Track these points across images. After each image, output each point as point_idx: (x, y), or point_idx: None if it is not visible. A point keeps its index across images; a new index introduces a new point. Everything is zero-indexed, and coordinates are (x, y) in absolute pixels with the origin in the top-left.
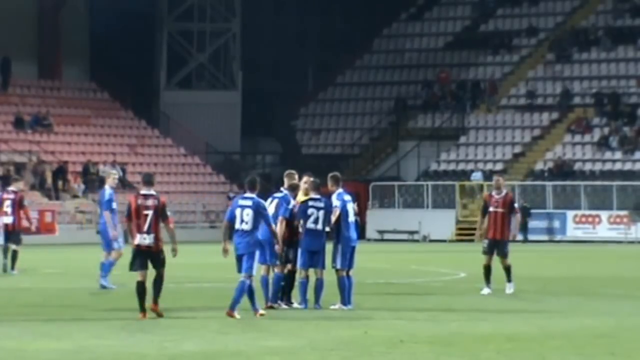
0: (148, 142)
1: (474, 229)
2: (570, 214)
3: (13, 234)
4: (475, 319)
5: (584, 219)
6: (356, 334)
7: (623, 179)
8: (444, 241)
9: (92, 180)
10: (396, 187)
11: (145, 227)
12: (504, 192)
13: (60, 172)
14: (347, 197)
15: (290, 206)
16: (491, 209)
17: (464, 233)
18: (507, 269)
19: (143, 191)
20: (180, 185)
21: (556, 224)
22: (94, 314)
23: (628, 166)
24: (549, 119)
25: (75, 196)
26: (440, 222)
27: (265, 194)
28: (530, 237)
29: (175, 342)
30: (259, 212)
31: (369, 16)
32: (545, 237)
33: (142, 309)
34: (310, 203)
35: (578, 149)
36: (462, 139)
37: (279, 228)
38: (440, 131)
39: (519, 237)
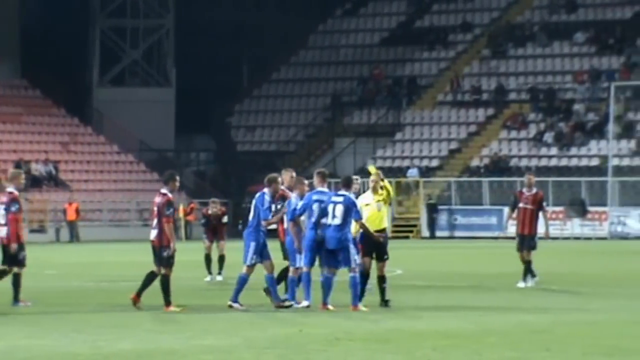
0: (81, 139)
1: (410, 225)
2: (506, 210)
3: None
4: (412, 316)
5: None
6: (291, 332)
7: (558, 174)
8: None
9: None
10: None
11: (154, 223)
12: (534, 190)
13: None
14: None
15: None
16: (521, 205)
17: (400, 230)
18: (528, 263)
19: (162, 189)
20: (114, 184)
21: (493, 220)
22: (26, 314)
23: (564, 162)
24: (485, 115)
25: None
26: None
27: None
28: (467, 233)
29: (110, 341)
30: (349, 209)
31: (304, 12)
32: (481, 234)
33: (167, 303)
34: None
35: (514, 145)
36: (398, 136)
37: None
38: (376, 128)
39: (427, 233)
